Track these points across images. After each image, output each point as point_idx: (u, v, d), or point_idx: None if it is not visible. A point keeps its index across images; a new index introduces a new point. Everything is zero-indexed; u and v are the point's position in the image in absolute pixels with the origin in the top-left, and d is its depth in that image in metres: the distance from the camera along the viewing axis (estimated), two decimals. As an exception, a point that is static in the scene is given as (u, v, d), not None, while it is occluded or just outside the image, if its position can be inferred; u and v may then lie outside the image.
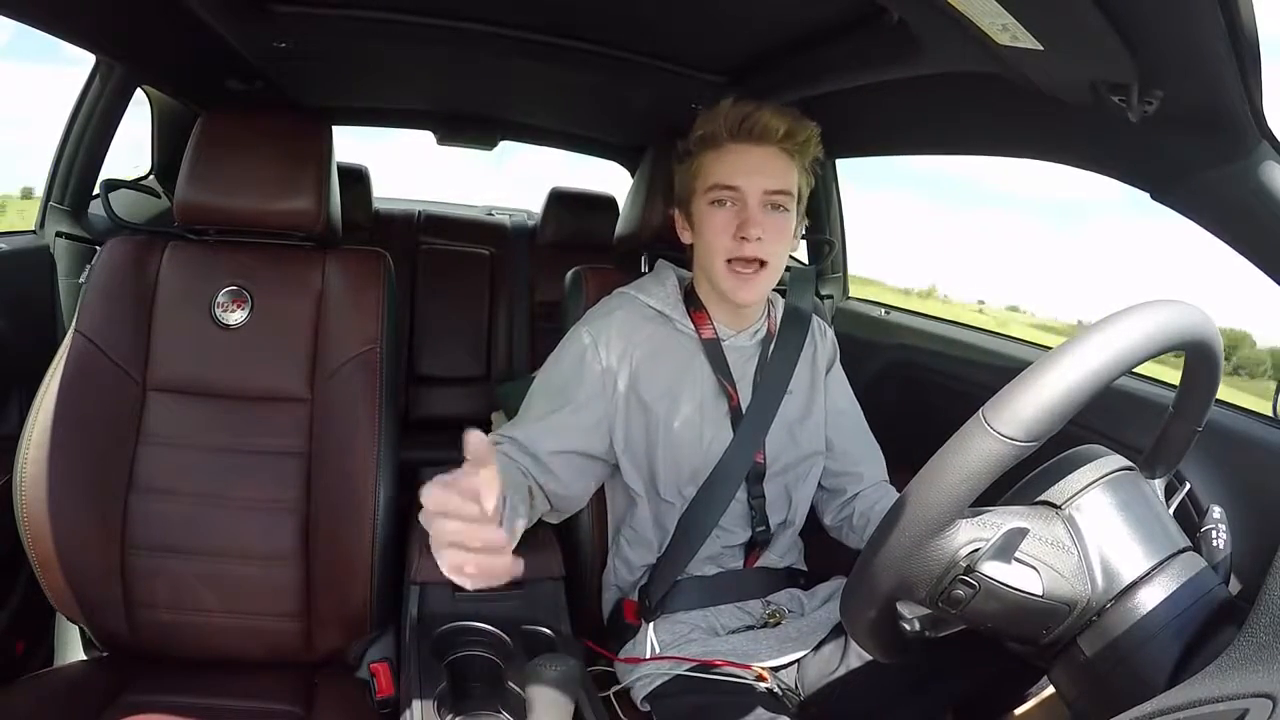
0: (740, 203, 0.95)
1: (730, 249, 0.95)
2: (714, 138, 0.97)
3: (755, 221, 0.94)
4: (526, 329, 2.20)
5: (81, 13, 1.15)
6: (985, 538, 0.55)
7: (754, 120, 0.95)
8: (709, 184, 0.96)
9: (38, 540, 0.97)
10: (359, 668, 1.03)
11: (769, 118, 0.95)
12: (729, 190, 0.95)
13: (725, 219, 0.95)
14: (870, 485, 1.10)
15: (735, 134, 0.95)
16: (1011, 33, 0.71)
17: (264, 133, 1.09)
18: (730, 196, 0.95)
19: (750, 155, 0.95)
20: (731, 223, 0.95)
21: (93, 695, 0.92)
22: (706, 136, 0.98)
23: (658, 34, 1.31)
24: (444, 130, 2.22)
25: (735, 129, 0.95)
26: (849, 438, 1.12)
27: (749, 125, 0.95)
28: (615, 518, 1.07)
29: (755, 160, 0.95)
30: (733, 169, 0.95)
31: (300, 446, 1.06)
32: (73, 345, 1.02)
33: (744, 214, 0.94)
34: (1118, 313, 0.53)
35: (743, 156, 0.95)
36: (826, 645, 0.95)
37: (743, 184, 0.94)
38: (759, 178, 0.94)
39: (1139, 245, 68.17)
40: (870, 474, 1.10)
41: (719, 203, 0.96)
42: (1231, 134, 0.73)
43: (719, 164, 0.96)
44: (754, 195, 0.94)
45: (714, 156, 0.97)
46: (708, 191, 0.96)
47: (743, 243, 0.94)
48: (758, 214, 0.94)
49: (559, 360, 1.02)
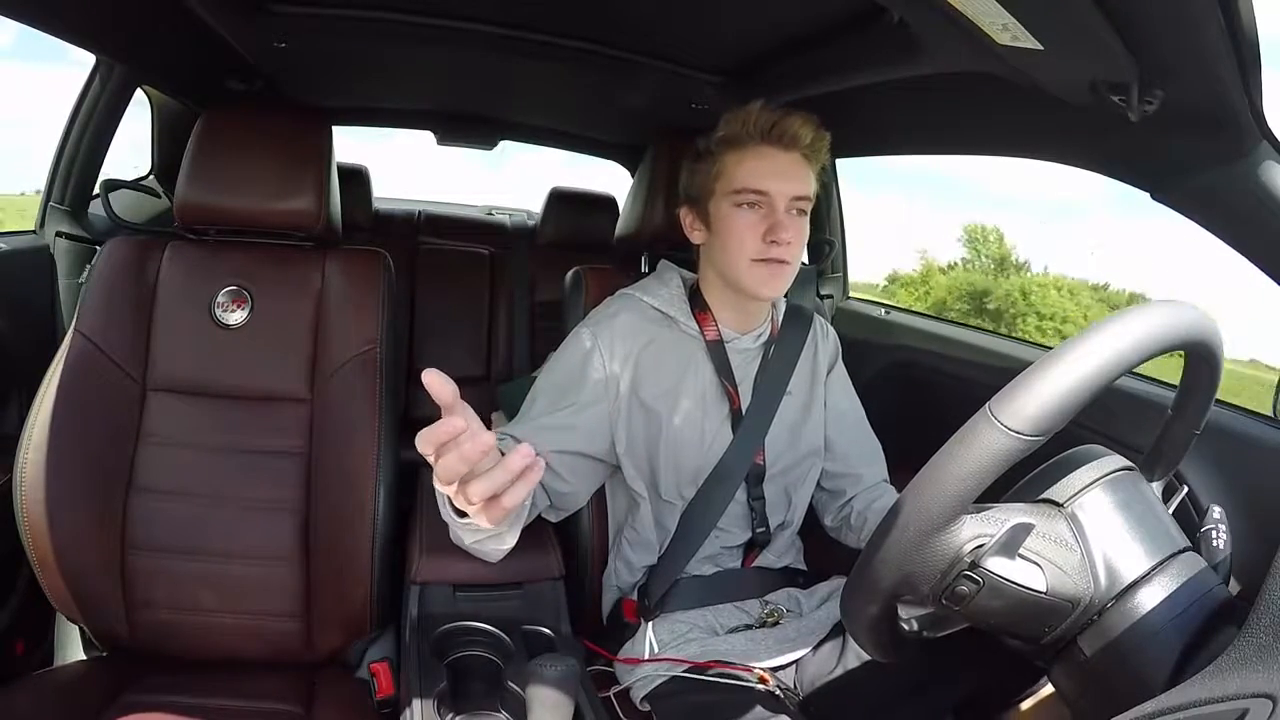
0: (768, 206, 0.95)
1: (759, 250, 0.95)
2: (739, 139, 0.96)
3: (784, 225, 0.94)
4: (526, 329, 2.20)
5: (81, 13, 1.15)
6: (990, 533, 0.55)
7: (784, 126, 0.95)
8: (736, 186, 0.96)
9: (37, 540, 0.97)
10: (359, 668, 1.03)
11: (799, 125, 0.95)
12: (758, 194, 0.95)
13: (752, 221, 0.95)
14: (869, 485, 1.10)
15: (765, 138, 0.95)
16: (1011, 33, 0.71)
17: (264, 132, 1.09)
18: (759, 200, 0.95)
19: (778, 160, 0.95)
20: (759, 225, 0.95)
21: (93, 695, 0.92)
22: (731, 138, 0.97)
23: (657, 34, 1.31)
24: (444, 130, 2.22)
25: (766, 133, 0.95)
26: (850, 439, 1.12)
27: (779, 131, 0.95)
28: (616, 519, 1.07)
29: (782, 166, 0.95)
30: (762, 173, 0.95)
31: (300, 446, 1.06)
32: (73, 345, 1.02)
33: (772, 218, 0.94)
34: (1123, 311, 0.54)
35: (770, 161, 0.95)
36: (825, 645, 0.95)
37: (772, 189, 0.94)
38: (787, 183, 0.95)
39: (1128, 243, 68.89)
40: (870, 475, 1.11)
41: (747, 205, 0.95)
42: (1231, 134, 0.73)
43: (745, 166, 0.96)
44: (782, 200, 0.95)
45: (738, 158, 0.96)
46: (735, 193, 0.96)
47: (772, 245, 0.94)
48: (785, 218, 0.95)
49: (561, 361, 1.02)
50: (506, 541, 0.85)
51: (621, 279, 1.12)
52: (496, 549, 0.86)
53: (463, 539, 0.84)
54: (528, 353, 2.17)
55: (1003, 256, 23.06)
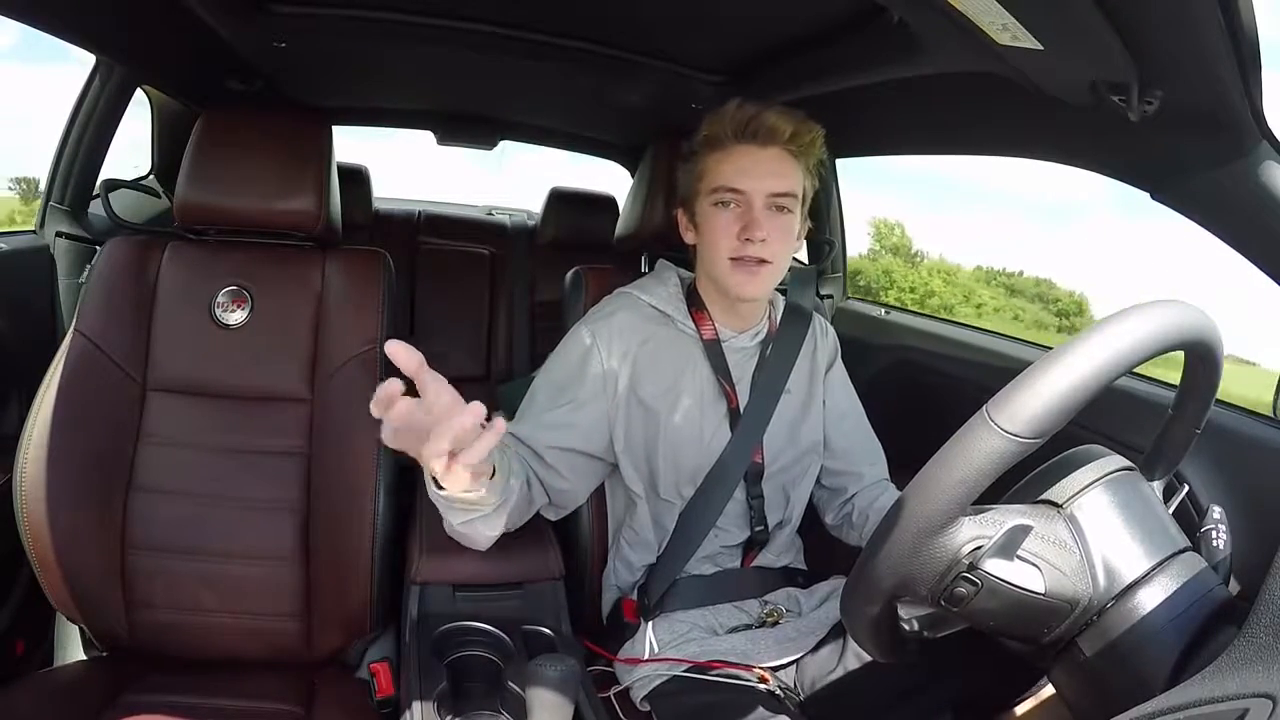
0: (745, 205, 0.95)
1: (734, 249, 0.95)
2: (718, 139, 0.97)
3: (759, 223, 0.93)
4: (526, 329, 2.20)
5: (81, 13, 1.15)
6: (988, 535, 0.55)
7: (759, 122, 0.94)
8: (713, 185, 0.96)
9: (38, 540, 0.97)
10: (359, 668, 1.03)
11: (774, 120, 0.94)
12: (733, 193, 0.95)
13: (728, 220, 0.95)
14: (870, 483, 1.10)
15: (740, 136, 0.95)
16: (1011, 33, 0.71)
17: (264, 133, 1.09)
18: (734, 198, 0.95)
19: (755, 158, 0.95)
20: (735, 224, 0.94)
21: (93, 695, 0.92)
22: (710, 138, 0.97)
23: (658, 34, 1.31)
24: (444, 130, 2.22)
25: (740, 131, 0.95)
26: (850, 437, 1.12)
27: (754, 127, 0.95)
28: (615, 519, 1.07)
29: (760, 162, 0.95)
30: (737, 171, 0.95)
31: (300, 446, 1.06)
32: (73, 345, 1.02)
33: (748, 216, 0.94)
34: (1121, 311, 0.53)
35: (747, 159, 0.95)
36: (825, 645, 0.95)
37: (747, 186, 0.94)
38: (763, 180, 0.94)
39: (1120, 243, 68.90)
40: (871, 473, 1.11)
41: (723, 204, 0.96)
42: (1231, 134, 0.73)
43: (723, 166, 0.96)
44: (758, 198, 0.94)
45: (718, 158, 0.96)
46: (712, 193, 0.96)
47: (746, 244, 0.94)
48: (761, 216, 0.94)
49: (560, 359, 1.02)
50: (495, 525, 0.86)
51: (621, 279, 1.12)
52: (486, 535, 0.87)
53: (452, 523, 0.84)
54: (528, 353, 2.17)
55: (901, 246, 24.87)
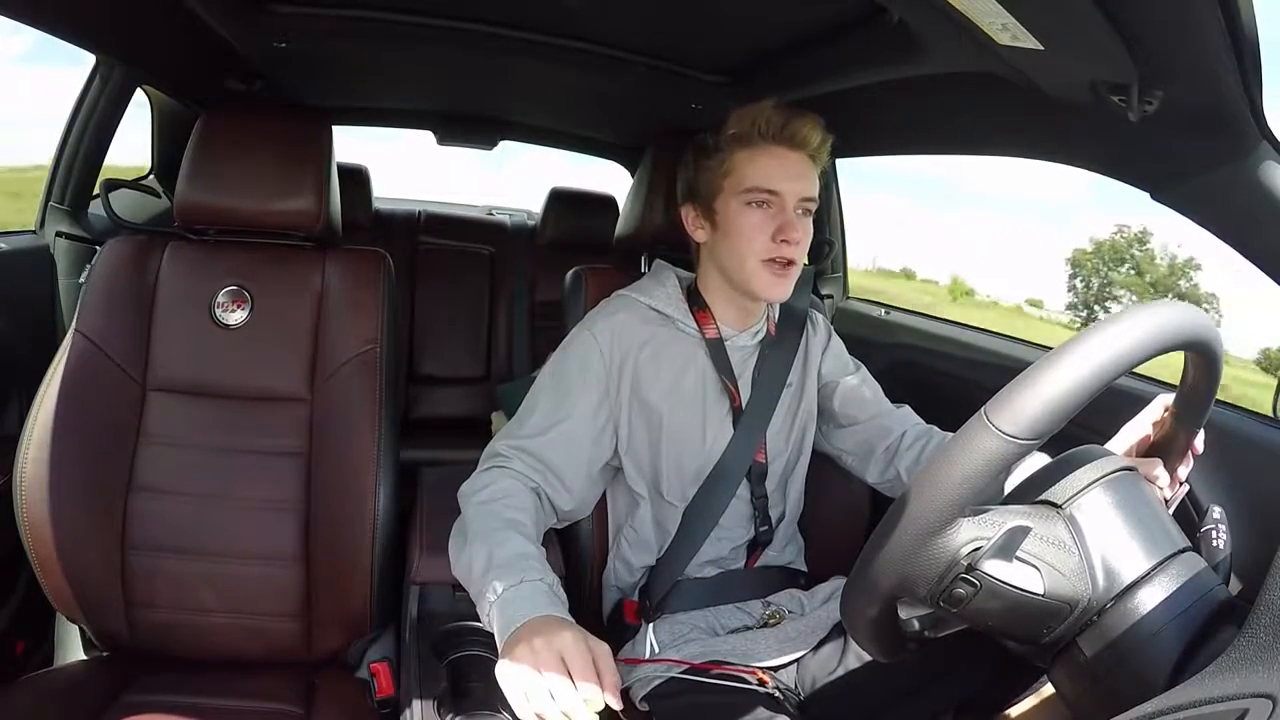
0: (778, 206, 0.95)
1: (768, 250, 0.95)
2: (749, 138, 0.96)
3: (794, 225, 0.94)
4: (526, 329, 2.20)
5: (81, 13, 1.15)
6: (987, 536, 0.55)
7: (795, 127, 0.95)
8: (747, 185, 0.96)
9: (38, 540, 0.97)
10: (359, 668, 1.03)
11: (809, 127, 0.95)
12: (770, 194, 0.95)
13: (761, 220, 0.95)
14: (916, 434, 1.05)
15: (776, 138, 0.96)
16: (1011, 33, 0.71)
17: (264, 133, 1.09)
18: (770, 199, 0.95)
19: (788, 161, 0.96)
20: (768, 224, 0.95)
21: (93, 695, 0.92)
22: (741, 135, 0.97)
23: (658, 34, 1.31)
24: (444, 130, 2.22)
25: (777, 133, 0.95)
26: (856, 400, 1.09)
27: (790, 131, 0.95)
28: (616, 519, 1.07)
29: (792, 166, 0.96)
30: (773, 173, 0.95)
31: (300, 446, 1.06)
32: (73, 345, 1.02)
33: (781, 217, 0.95)
34: (1120, 312, 0.53)
35: (781, 161, 0.95)
36: (826, 645, 0.95)
37: (782, 188, 0.95)
38: (796, 183, 0.95)
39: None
40: (898, 424, 1.07)
41: (756, 204, 0.96)
42: (1231, 134, 0.73)
43: (755, 165, 0.96)
44: (792, 200, 0.95)
45: (748, 156, 0.96)
46: (745, 192, 0.96)
47: (782, 245, 0.94)
48: (793, 218, 0.95)
49: (561, 362, 1.02)
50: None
51: (621, 279, 1.12)
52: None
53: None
54: (528, 353, 2.18)
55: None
